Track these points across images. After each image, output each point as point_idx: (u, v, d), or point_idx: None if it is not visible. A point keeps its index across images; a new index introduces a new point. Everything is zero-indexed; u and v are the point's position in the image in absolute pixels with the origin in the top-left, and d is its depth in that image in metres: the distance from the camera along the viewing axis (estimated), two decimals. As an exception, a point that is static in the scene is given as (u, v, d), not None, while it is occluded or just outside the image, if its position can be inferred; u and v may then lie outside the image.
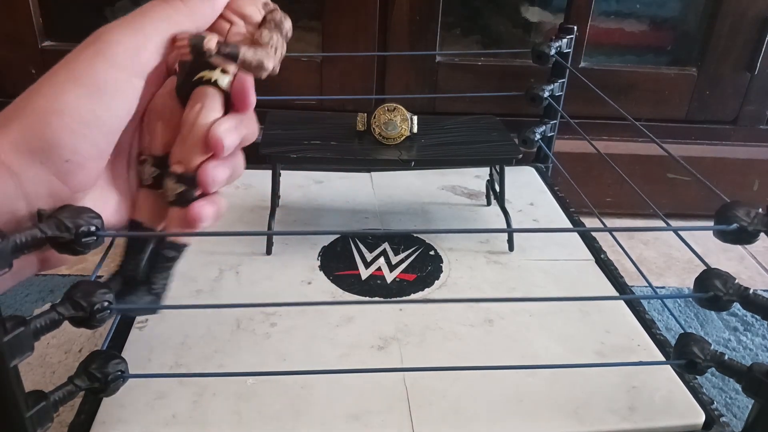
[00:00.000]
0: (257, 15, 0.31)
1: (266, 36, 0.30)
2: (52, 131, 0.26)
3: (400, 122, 0.51)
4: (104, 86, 0.27)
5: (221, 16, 0.30)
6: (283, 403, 0.36)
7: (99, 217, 0.27)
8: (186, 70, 0.30)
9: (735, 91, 0.71)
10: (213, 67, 0.30)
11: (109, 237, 0.28)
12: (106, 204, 0.31)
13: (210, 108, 0.30)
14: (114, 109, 0.28)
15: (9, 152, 0.25)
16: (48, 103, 0.27)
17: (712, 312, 0.57)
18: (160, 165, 0.31)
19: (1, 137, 0.26)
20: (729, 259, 0.68)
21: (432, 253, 0.52)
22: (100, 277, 0.56)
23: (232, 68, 0.30)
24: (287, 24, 0.31)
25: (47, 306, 0.27)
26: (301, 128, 0.53)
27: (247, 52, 0.29)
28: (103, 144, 0.28)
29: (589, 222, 0.61)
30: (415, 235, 0.54)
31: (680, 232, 0.39)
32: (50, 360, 0.48)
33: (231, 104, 0.30)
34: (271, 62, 0.30)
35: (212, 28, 0.31)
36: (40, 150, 0.26)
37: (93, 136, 0.27)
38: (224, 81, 0.30)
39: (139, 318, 0.42)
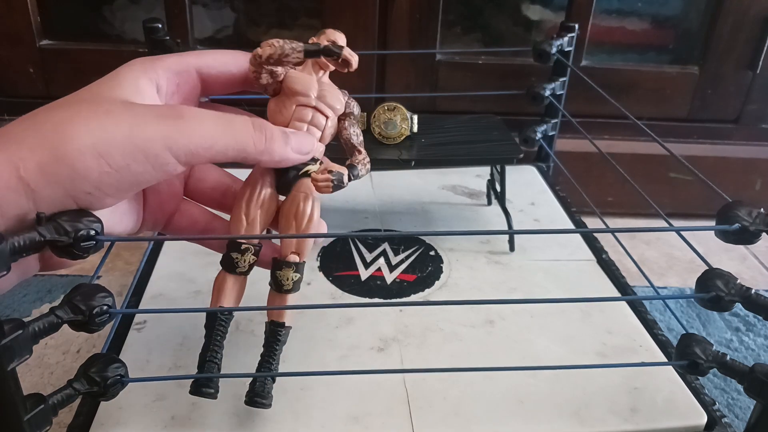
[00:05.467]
0: (341, 106, 0.35)
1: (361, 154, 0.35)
2: (85, 167, 0.26)
3: (400, 121, 0.50)
4: (154, 160, 0.27)
5: (317, 109, 0.34)
6: (283, 404, 0.36)
7: (99, 221, 0.27)
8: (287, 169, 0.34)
9: (737, 90, 0.71)
10: (311, 163, 0.34)
11: (108, 241, 0.28)
12: (126, 213, 0.32)
13: (318, 201, 0.34)
14: (150, 175, 0.28)
15: (32, 171, 0.25)
16: (88, 137, 0.26)
17: (714, 312, 0.57)
18: (257, 254, 0.34)
19: (28, 153, 0.25)
20: (731, 259, 0.68)
21: (432, 253, 0.52)
22: (99, 278, 0.56)
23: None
24: (357, 110, 0.36)
25: (46, 306, 0.27)
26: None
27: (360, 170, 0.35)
28: (127, 191, 0.28)
29: (591, 222, 0.61)
30: (415, 235, 0.54)
31: (682, 232, 0.39)
32: (48, 361, 0.48)
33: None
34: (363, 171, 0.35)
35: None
36: (67, 179, 0.26)
37: (121, 184, 0.27)
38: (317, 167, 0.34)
39: (137, 319, 0.42)
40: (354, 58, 0.33)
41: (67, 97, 0.29)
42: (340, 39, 0.34)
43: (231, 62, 0.34)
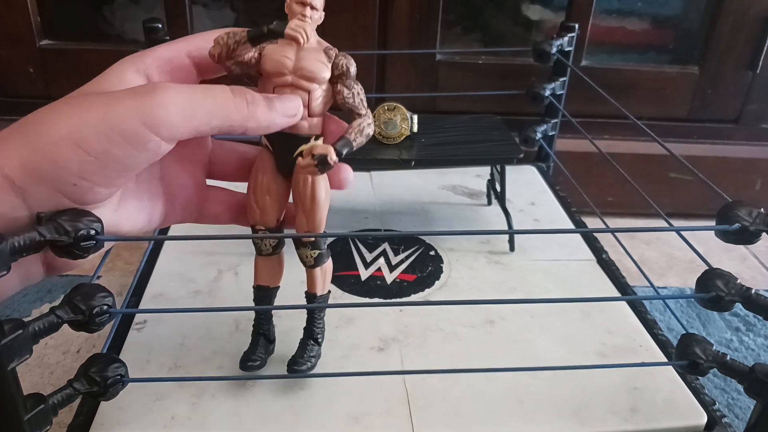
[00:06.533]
0: (326, 73, 0.32)
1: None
2: (64, 158, 0.25)
3: (400, 121, 0.50)
4: (132, 139, 0.26)
5: (295, 85, 0.32)
6: (283, 404, 0.36)
7: (99, 220, 0.27)
8: (283, 147, 0.33)
9: (737, 90, 0.71)
10: (307, 140, 0.33)
11: (108, 242, 0.28)
12: (133, 211, 0.31)
13: (323, 178, 0.33)
14: (135, 158, 0.27)
15: (16, 168, 0.25)
16: (64, 127, 0.25)
17: (714, 312, 0.57)
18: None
19: (12, 151, 0.25)
20: (731, 259, 0.68)
21: (432, 253, 0.52)
22: (99, 278, 0.56)
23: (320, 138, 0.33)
24: (352, 68, 0.33)
25: (46, 306, 0.27)
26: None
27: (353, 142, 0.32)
28: (116, 179, 0.28)
29: (591, 221, 0.61)
30: (415, 235, 0.54)
31: (682, 232, 0.39)
32: (48, 360, 0.48)
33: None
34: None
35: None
36: (48, 172, 0.25)
37: (106, 171, 0.26)
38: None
39: (137, 319, 0.42)
40: (299, 33, 0.30)
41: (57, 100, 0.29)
42: None
43: None
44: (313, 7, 0.31)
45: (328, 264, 0.36)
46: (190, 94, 0.27)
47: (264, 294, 0.37)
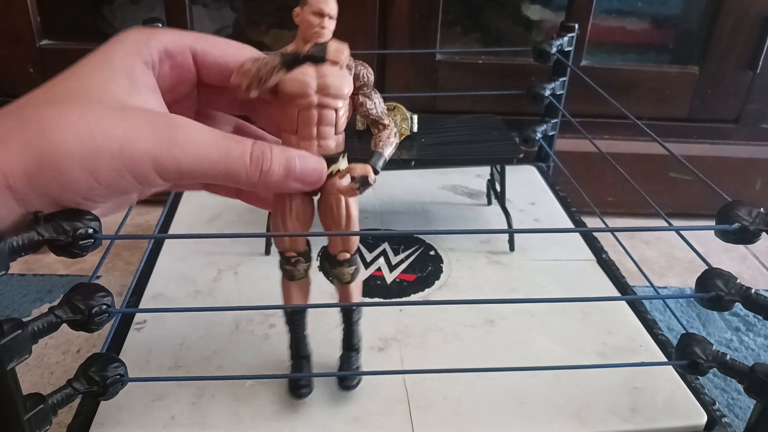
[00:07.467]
0: (350, 87, 0.31)
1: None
2: (73, 179, 0.25)
3: (401, 121, 0.50)
4: (140, 179, 0.26)
5: (322, 105, 0.30)
6: (283, 404, 0.36)
7: (97, 219, 0.27)
8: None
9: (737, 90, 0.71)
10: (335, 159, 0.31)
11: (107, 240, 0.28)
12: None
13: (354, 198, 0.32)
14: (136, 188, 0.27)
15: (20, 179, 0.24)
16: (77, 147, 0.24)
17: (714, 312, 0.57)
18: (307, 258, 0.34)
19: (14, 156, 0.24)
20: (731, 258, 0.68)
21: (432, 253, 0.52)
22: (99, 278, 0.56)
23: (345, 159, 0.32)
24: (370, 76, 0.32)
25: (45, 306, 0.27)
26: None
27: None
28: (116, 197, 0.28)
29: (591, 221, 0.61)
30: (415, 235, 0.54)
31: (682, 232, 0.39)
32: (48, 360, 0.48)
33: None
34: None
35: None
36: (55, 191, 0.25)
37: (111, 195, 0.27)
38: (345, 164, 0.32)
39: (137, 319, 0.42)
40: (342, 56, 0.29)
41: (55, 86, 0.27)
42: (327, 4, 0.29)
43: (230, 54, 0.31)
44: (331, 17, 0.29)
45: (362, 275, 0.36)
46: (207, 152, 0.27)
47: (300, 318, 0.35)
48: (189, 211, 0.55)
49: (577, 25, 0.60)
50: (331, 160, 0.31)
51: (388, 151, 0.31)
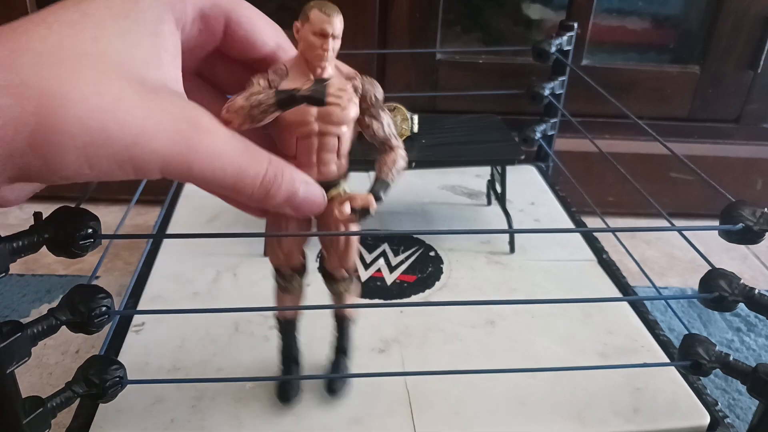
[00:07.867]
0: (355, 110, 0.29)
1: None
2: (63, 164, 0.21)
3: (401, 122, 0.50)
4: (142, 174, 0.23)
5: (323, 132, 0.28)
6: (283, 406, 0.35)
7: (96, 218, 0.27)
8: None
9: (737, 90, 0.71)
10: (336, 183, 0.30)
11: (106, 240, 0.28)
12: None
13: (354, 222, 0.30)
14: (128, 177, 0.23)
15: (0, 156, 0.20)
16: (82, 130, 0.21)
17: (715, 312, 0.57)
18: (302, 273, 0.34)
19: (2, 132, 0.20)
20: (732, 258, 0.68)
21: (432, 254, 0.52)
22: (98, 278, 0.56)
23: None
24: (378, 93, 0.31)
25: (44, 307, 0.26)
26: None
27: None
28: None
29: (591, 221, 0.61)
30: (415, 235, 0.54)
31: (684, 232, 0.39)
32: (47, 361, 0.47)
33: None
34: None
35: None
36: (35, 170, 0.21)
37: (95, 179, 0.23)
38: (346, 187, 0.30)
39: (136, 321, 0.42)
40: (342, 100, 0.26)
41: (63, 29, 0.23)
42: (331, 24, 0.26)
43: (264, 31, 0.28)
44: (335, 37, 0.26)
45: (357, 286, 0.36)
46: (221, 167, 0.24)
47: (291, 326, 0.36)
48: (187, 212, 0.55)
49: (576, 24, 0.59)
50: (331, 184, 0.29)
51: (395, 178, 0.29)
